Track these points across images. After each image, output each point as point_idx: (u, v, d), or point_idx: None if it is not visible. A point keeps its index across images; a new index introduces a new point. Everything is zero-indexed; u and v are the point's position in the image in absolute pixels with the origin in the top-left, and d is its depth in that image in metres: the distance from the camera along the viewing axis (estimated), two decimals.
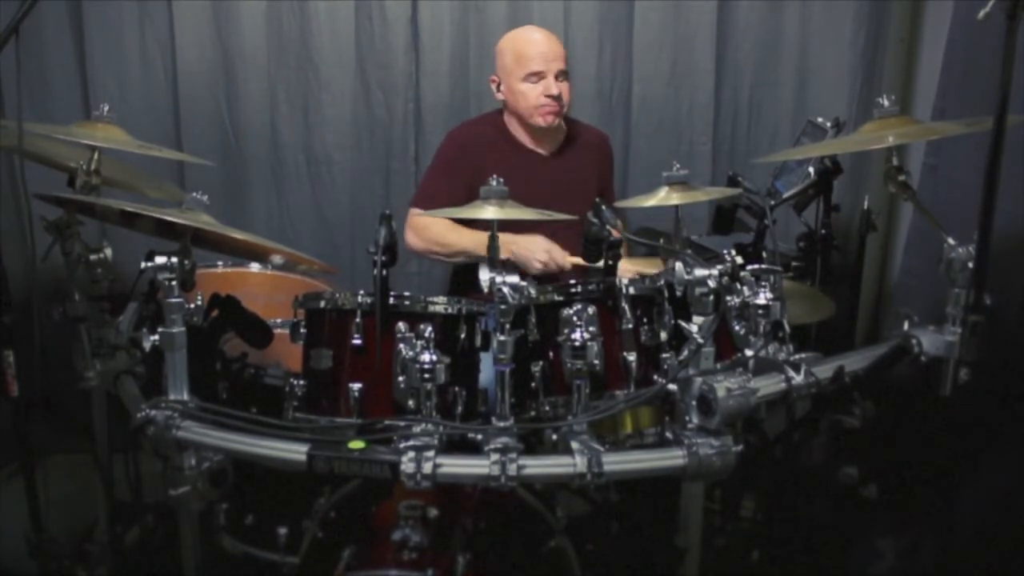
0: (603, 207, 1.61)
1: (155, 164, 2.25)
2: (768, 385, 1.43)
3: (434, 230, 2.32)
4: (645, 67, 2.79)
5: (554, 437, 1.46)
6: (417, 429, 1.38)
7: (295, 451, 1.37)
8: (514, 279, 1.36)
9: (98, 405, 1.80)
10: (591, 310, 1.49)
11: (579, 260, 2.13)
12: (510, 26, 2.70)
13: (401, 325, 1.50)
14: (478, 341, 1.58)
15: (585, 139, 2.48)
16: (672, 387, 1.42)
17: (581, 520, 1.80)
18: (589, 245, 1.63)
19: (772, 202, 2.12)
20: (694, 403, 1.36)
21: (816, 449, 1.88)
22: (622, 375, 1.54)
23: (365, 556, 1.55)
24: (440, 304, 1.56)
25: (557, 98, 2.28)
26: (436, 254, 2.36)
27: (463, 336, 1.56)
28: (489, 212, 1.50)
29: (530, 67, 2.28)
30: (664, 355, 1.53)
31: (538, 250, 2.16)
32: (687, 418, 1.38)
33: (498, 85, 2.39)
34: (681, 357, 1.40)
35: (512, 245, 2.14)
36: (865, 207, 2.12)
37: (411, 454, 1.31)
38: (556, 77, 2.28)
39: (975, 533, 1.83)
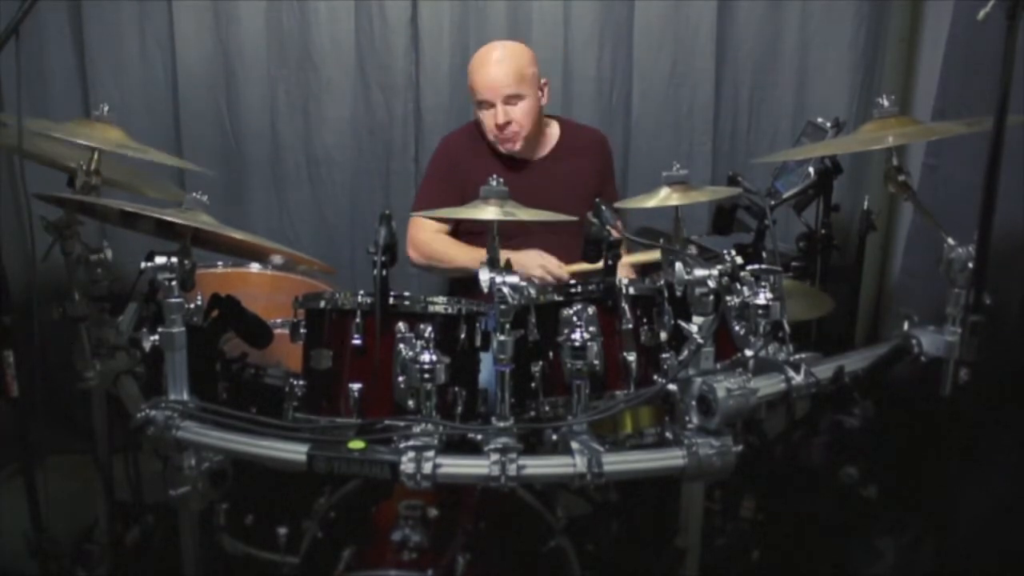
0: (603, 207, 1.61)
1: (155, 164, 2.24)
2: (768, 385, 1.44)
3: (434, 246, 2.36)
4: (645, 67, 2.79)
5: (554, 437, 1.47)
6: (417, 429, 1.38)
7: (295, 451, 1.38)
8: (514, 279, 1.36)
9: (98, 405, 1.80)
10: (591, 310, 1.50)
11: (576, 267, 2.14)
12: (510, 26, 2.71)
13: (401, 325, 1.50)
14: (478, 341, 1.58)
15: (579, 141, 2.47)
16: (672, 387, 1.42)
17: (581, 520, 1.80)
18: (589, 245, 1.63)
19: (772, 202, 2.12)
20: (694, 403, 1.36)
21: (816, 449, 1.88)
22: (622, 375, 1.54)
23: (365, 556, 1.55)
24: (440, 304, 1.56)
25: (502, 126, 2.27)
26: (436, 269, 2.42)
27: (463, 336, 1.56)
28: (489, 213, 1.50)
29: (478, 97, 2.29)
30: (664, 355, 1.53)
31: (532, 266, 2.17)
32: (687, 418, 1.38)
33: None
34: (681, 357, 1.40)
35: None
36: (865, 207, 2.12)
37: (411, 454, 1.32)
38: (507, 102, 2.26)
39: (975, 533, 1.83)
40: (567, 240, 2.15)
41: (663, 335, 1.55)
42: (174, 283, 1.44)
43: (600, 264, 1.64)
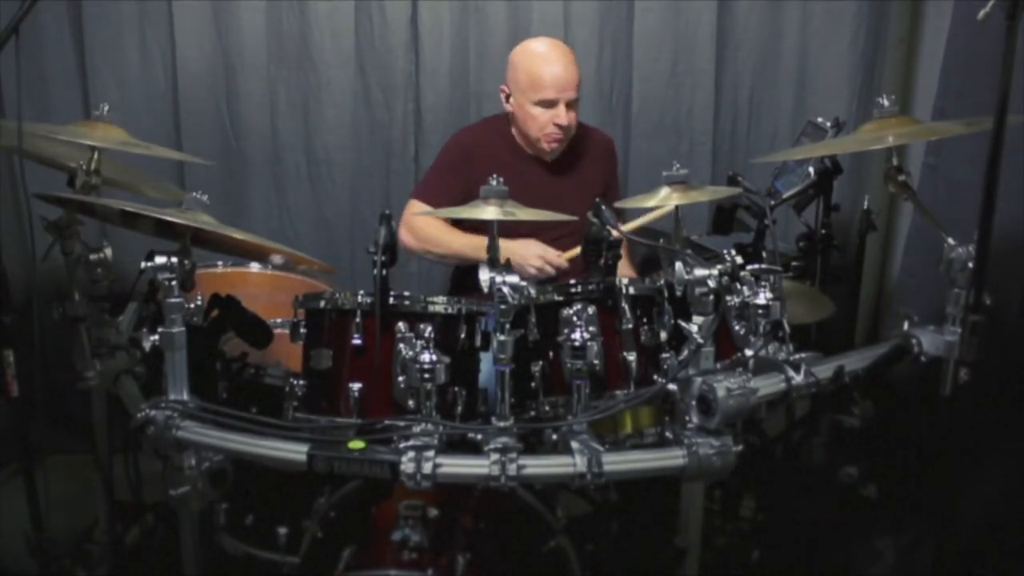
0: (603, 207, 1.61)
1: (155, 164, 2.25)
2: (768, 385, 1.43)
3: (429, 231, 2.31)
4: (645, 67, 2.79)
5: (554, 437, 1.47)
6: (417, 429, 1.38)
7: (295, 451, 1.37)
8: (514, 279, 1.36)
9: (98, 405, 1.80)
10: (591, 310, 1.50)
11: (574, 253, 2.13)
12: (510, 26, 2.70)
13: (401, 325, 1.50)
14: (478, 341, 1.58)
15: (588, 144, 2.46)
16: (672, 387, 1.42)
17: (581, 520, 1.80)
18: (589, 245, 1.63)
19: (772, 202, 2.12)
20: (694, 403, 1.36)
21: (816, 449, 1.89)
22: (622, 375, 1.54)
23: (365, 556, 1.55)
24: (440, 304, 1.56)
25: (565, 127, 2.27)
26: (430, 253, 2.35)
27: (463, 336, 1.56)
28: (489, 212, 1.50)
29: (543, 95, 2.24)
30: (664, 355, 1.53)
31: (531, 256, 2.15)
32: (687, 418, 1.38)
33: (507, 96, 2.36)
34: (681, 357, 1.40)
35: (505, 252, 2.12)
36: (865, 207, 2.12)
37: (411, 454, 1.32)
38: (567, 105, 2.26)
39: (975, 533, 1.83)
40: (571, 239, 2.16)
41: (663, 335, 1.55)
42: (174, 283, 1.44)
43: (600, 262, 1.64)
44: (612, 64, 2.81)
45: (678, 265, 1.43)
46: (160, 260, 1.44)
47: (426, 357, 1.37)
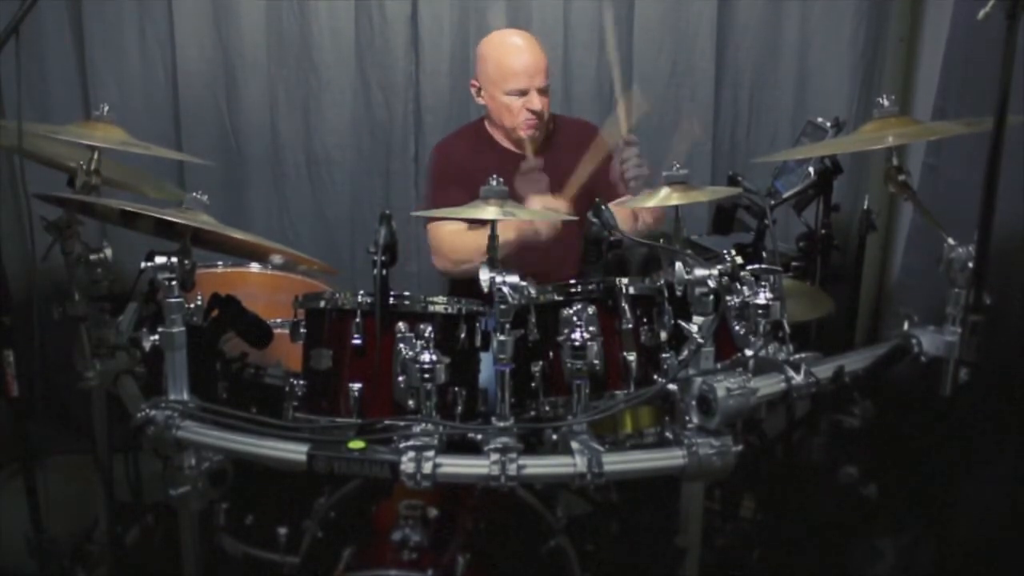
0: (603, 207, 1.61)
1: (155, 164, 2.25)
2: (768, 385, 1.43)
3: (458, 245, 2.25)
4: (645, 67, 2.79)
5: (554, 437, 1.47)
6: (417, 429, 1.38)
7: (295, 451, 1.37)
8: (514, 279, 1.36)
9: (98, 405, 1.80)
10: (591, 310, 1.50)
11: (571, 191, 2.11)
12: (510, 26, 2.69)
13: (401, 325, 1.50)
14: (478, 341, 1.58)
15: (569, 133, 2.46)
16: (672, 387, 1.42)
17: (581, 520, 1.80)
18: (589, 245, 1.63)
19: (772, 202, 2.12)
20: (694, 403, 1.36)
21: (816, 449, 1.88)
22: (622, 375, 1.54)
23: (365, 556, 1.55)
24: (440, 304, 1.56)
25: (538, 113, 2.28)
26: (471, 262, 2.21)
27: (463, 336, 1.57)
28: (489, 212, 1.50)
29: (513, 83, 2.26)
30: (664, 355, 1.53)
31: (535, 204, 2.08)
32: (687, 418, 1.38)
33: (478, 90, 2.37)
34: (681, 357, 1.40)
35: (510, 235, 2.07)
36: (865, 207, 2.12)
37: (411, 454, 1.32)
38: (538, 92, 2.27)
39: (975, 533, 1.83)
40: (568, 233, 2.15)
41: (663, 335, 1.55)
42: (174, 283, 1.44)
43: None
44: None
45: (678, 265, 1.43)
46: (160, 260, 1.44)
47: (426, 357, 1.37)
